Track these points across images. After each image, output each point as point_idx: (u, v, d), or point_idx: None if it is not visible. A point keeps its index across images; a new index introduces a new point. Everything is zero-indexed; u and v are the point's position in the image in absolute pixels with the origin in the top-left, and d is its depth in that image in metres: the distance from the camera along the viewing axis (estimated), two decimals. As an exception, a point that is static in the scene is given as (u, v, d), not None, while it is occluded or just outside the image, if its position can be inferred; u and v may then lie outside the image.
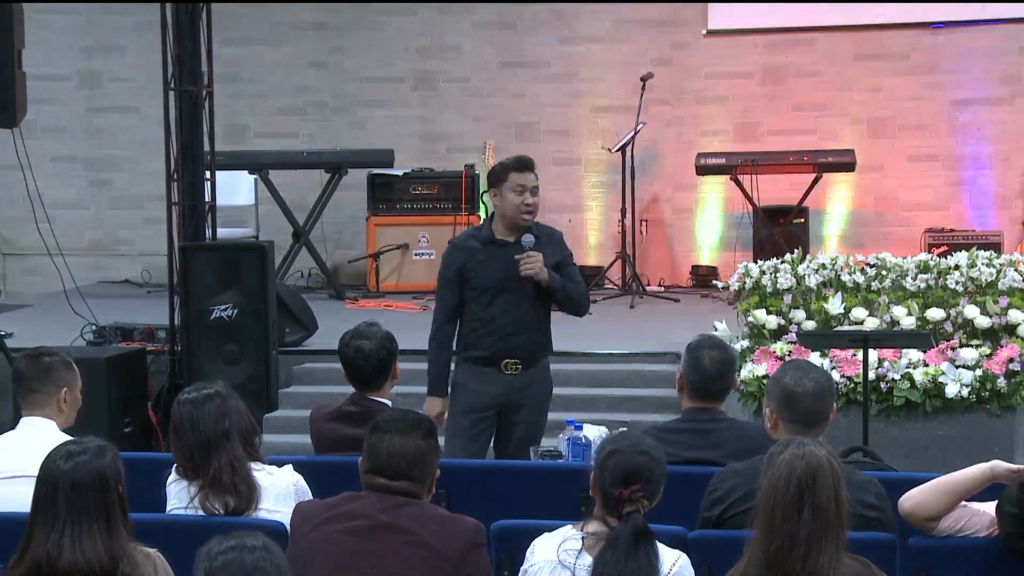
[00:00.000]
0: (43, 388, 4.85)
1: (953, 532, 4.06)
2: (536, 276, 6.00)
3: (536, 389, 6.16)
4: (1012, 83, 12.10)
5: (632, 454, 3.76)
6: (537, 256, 6.00)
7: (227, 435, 4.43)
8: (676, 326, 9.59)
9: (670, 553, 3.74)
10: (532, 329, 6.12)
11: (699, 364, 4.90)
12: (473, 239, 6.19)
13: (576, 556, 3.70)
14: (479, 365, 6.10)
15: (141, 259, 12.72)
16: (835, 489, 3.32)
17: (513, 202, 6.03)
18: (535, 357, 6.16)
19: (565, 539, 3.75)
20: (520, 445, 6.07)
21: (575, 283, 6.19)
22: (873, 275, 7.86)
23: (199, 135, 8.80)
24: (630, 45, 12.49)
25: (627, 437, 3.89)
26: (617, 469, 3.73)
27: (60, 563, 3.45)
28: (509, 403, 6.10)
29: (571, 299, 6.17)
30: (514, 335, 6.08)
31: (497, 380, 6.08)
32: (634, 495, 3.68)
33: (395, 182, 11.89)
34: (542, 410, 6.23)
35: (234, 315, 8.37)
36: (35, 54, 9.38)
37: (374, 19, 12.80)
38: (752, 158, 11.60)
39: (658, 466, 3.78)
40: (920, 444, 7.35)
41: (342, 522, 3.86)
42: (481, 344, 6.09)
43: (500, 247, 6.09)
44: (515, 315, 6.07)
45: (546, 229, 6.25)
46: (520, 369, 6.09)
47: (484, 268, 6.08)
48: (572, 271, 6.23)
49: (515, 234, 6.10)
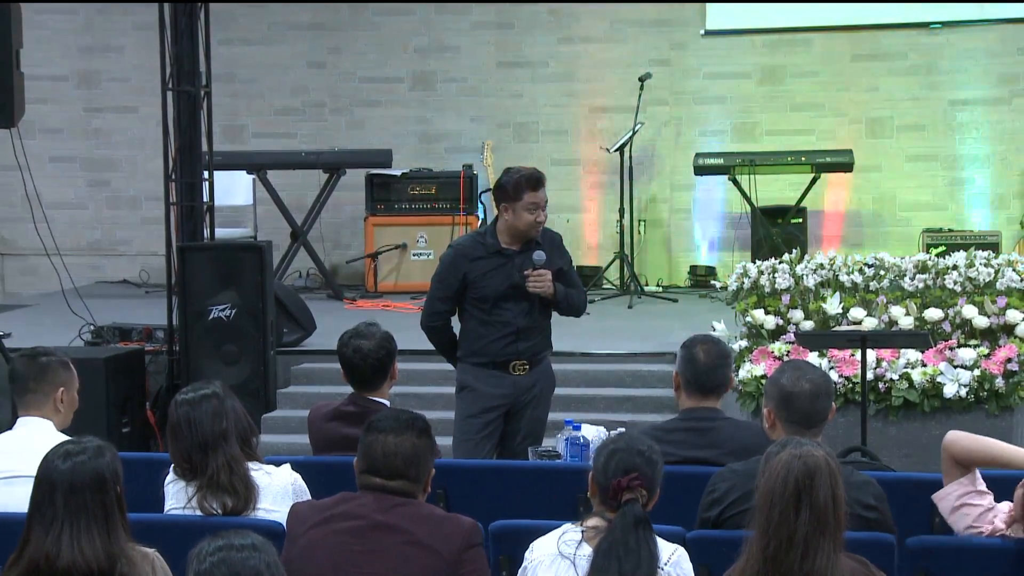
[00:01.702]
0: (40, 388, 4.84)
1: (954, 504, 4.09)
2: (543, 293, 6.08)
3: (542, 387, 6.25)
4: (1010, 83, 12.10)
5: (629, 453, 3.78)
6: (547, 275, 6.07)
7: (224, 435, 4.43)
8: (674, 326, 9.58)
9: (668, 546, 3.76)
10: (536, 332, 6.20)
11: (693, 358, 4.91)
12: (479, 247, 6.19)
13: (576, 547, 3.72)
14: (486, 368, 6.14)
15: (139, 259, 12.72)
16: (832, 489, 3.32)
17: (527, 220, 6.07)
18: (539, 357, 6.24)
19: (565, 532, 3.78)
20: (524, 443, 6.13)
21: (576, 289, 6.30)
22: (871, 275, 7.86)
23: (197, 135, 8.81)
24: (628, 45, 12.49)
25: (624, 438, 3.91)
26: (616, 463, 3.76)
27: (58, 563, 3.45)
28: (517, 403, 6.16)
29: (572, 306, 6.30)
30: (520, 340, 6.14)
31: (505, 382, 6.13)
32: (632, 483, 3.70)
33: (393, 182, 11.89)
34: (546, 407, 6.31)
35: (232, 315, 8.37)
36: (33, 54, 9.39)
37: (372, 19, 12.80)
38: (750, 158, 11.61)
39: (654, 467, 3.79)
40: (918, 444, 7.35)
41: (338, 522, 3.86)
42: (488, 350, 6.14)
43: (506, 257, 6.13)
44: (521, 321, 6.13)
45: (548, 233, 6.27)
46: (527, 369, 6.17)
47: (490, 278, 6.12)
48: (572, 276, 6.32)
49: (520, 243, 6.14)
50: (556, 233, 6.37)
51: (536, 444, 6.10)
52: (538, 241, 6.14)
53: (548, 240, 6.22)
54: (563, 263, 6.26)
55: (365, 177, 11.90)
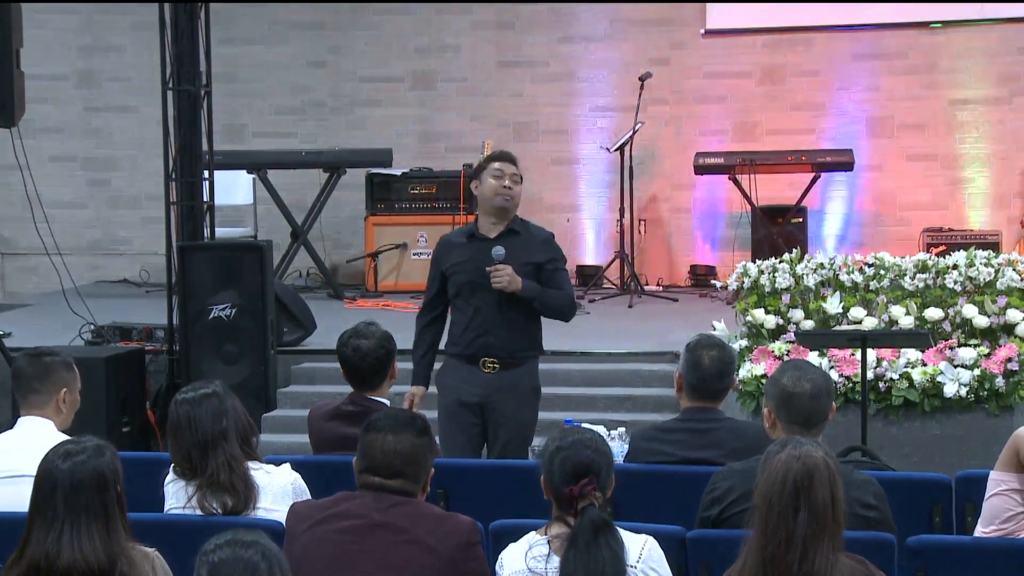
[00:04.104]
0: (42, 388, 4.84)
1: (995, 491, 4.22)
2: (506, 289, 5.95)
3: (516, 390, 6.06)
4: (1010, 83, 12.10)
5: (577, 450, 3.73)
6: (505, 269, 5.93)
7: (224, 435, 4.44)
8: (674, 326, 9.59)
9: (636, 539, 3.71)
10: (509, 329, 6.03)
11: (698, 364, 4.89)
12: (461, 234, 6.24)
13: (546, 561, 3.67)
14: (461, 362, 6.09)
15: (139, 259, 12.72)
16: (831, 489, 3.32)
17: (491, 184, 6.03)
18: (515, 358, 6.06)
19: (531, 546, 3.72)
20: (507, 447, 6.01)
21: (558, 289, 6.11)
22: (871, 274, 7.85)
23: (197, 135, 8.81)
24: (628, 44, 12.49)
25: (570, 434, 3.83)
26: (565, 466, 3.71)
27: (58, 562, 3.45)
28: (487, 403, 6.03)
29: (550, 307, 6.10)
30: (489, 334, 6.02)
31: (476, 378, 6.04)
32: (585, 490, 3.67)
33: (393, 182, 11.89)
34: (527, 410, 6.13)
35: (232, 315, 8.37)
36: (33, 53, 9.38)
37: (372, 19, 12.80)
38: (750, 157, 11.61)
39: (604, 458, 3.75)
40: (918, 444, 7.35)
41: (337, 521, 3.86)
42: (460, 341, 6.09)
43: (480, 241, 6.08)
44: (489, 314, 6.01)
45: (536, 230, 6.22)
46: (498, 368, 6.03)
47: (461, 266, 6.09)
48: (558, 276, 6.13)
49: (497, 229, 6.07)
50: (548, 231, 6.29)
51: (521, 450, 6.03)
52: (516, 230, 6.09)
53: (533, 235, 6.15)
54: (545, 259, 6.09)
55: (365, 177, 11.90)
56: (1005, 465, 4.23)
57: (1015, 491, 4.17)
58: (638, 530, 3.77)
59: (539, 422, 6.19)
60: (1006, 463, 4.23)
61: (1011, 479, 4.19)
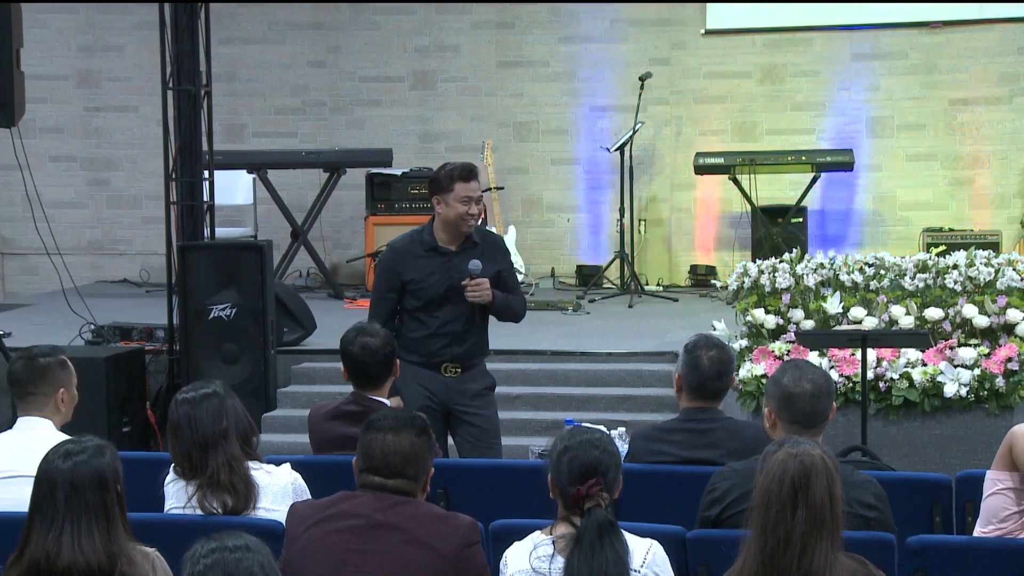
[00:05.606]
0: (40, 390, 4.84)
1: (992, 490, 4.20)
2: (482, 302, 6.08)
3: (476, 389, 6.20)
4: (1010, 82, 12.10)
5: (585, 450, 3.73)
6: (484, 283, 6.04)
7: (225, 434, 4.43)
8: (674, 326, 9.59)
9: (641, 543, 3.72)
10: (473, 337, 6.18)
11: (697, 364, 4.89)
12: (416, 244, 6.19)
13: (550, 561, 3.67)
14: (419, 367, 6.13)
15: (139, 258, 12.73)
16: (829, 488, 3.32)
17: (459, 211, 6.04)
18: (473, 362, 6.21)
19: (536, 545, 3.72)
20: (477, 444, 6.13)
21: (514, 294, 6.27)
22: (871, 274, 7.86)
23: (197, 134, 8.81)
24: (628, 44, 12.50)
25: (578, 434, 3.83)
26: (572, 466, 3.71)
27: (59, 562, 3.45)
28: (451, 404, 6.14)
29: (511, 312, 6.26)
30: (455, 344, 6.14)
31: (437, 381, 6.12)
32: (591, 490, 3.66)
33: (393, 181, 11.89)
34: (490, 406, 6.27)
35: (233, 314, 8.37)
36: (33, 53, 9.40)
37: (372, 19, 12.80)
38: (750, 157, 11.61)
39: (612, 459, 3.75)
40: (918, 443, 7.35)
41: (337, 521, 3.86)
42: (423, 351, 6.13)
43: (442, 255, 6.11)
44: (457, 325, 6.12)
45: (490, 237, 6.31)
46: (459, 372, 6.15)
47: (427, 278, 6.10)
48: (512, 280, 6.29)
49: (457, 241, 6.12)
50: (498, 236, 6.40)
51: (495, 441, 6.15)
52: (476, 240, 6.13)
53: (490, 243, 6.23)
54: (502, 267, 6.21)
55: (365, 176, 11.91)
56: (1000, 464, 4.24)
57: (1011, 490, 4.17)
58: (638, 531, 3.77)
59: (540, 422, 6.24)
60: (1001, 462, 4.23)
61: (1006, 478, 4.19)
